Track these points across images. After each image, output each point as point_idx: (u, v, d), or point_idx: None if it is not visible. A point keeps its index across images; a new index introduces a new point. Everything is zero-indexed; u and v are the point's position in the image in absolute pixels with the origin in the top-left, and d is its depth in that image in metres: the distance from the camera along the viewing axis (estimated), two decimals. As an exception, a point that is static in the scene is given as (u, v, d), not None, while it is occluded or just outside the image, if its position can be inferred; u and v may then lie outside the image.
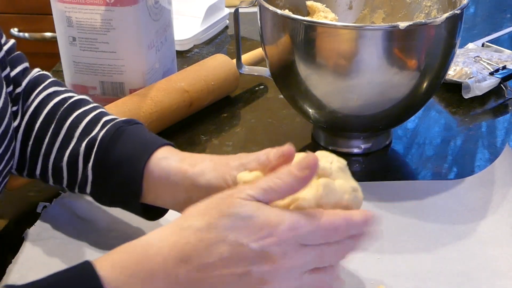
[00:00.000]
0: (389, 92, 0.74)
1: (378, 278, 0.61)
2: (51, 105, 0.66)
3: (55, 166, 0.64)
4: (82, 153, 0.63)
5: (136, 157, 0.61)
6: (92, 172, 0.62)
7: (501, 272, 0.62)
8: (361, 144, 0.83)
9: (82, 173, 0.63)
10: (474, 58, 1.00)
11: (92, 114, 0.66)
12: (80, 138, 0.64)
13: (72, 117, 0.65)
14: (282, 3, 0.85)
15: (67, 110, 0.66)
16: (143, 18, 0.88)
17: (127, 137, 0.62)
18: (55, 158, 0.64)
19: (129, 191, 0.61)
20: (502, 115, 0.92)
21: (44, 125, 0.65)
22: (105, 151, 0.62)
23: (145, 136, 0.63)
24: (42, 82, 0.69)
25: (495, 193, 0.72)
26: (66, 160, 0.63)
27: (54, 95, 0.67)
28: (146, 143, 0.62)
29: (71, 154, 0.63)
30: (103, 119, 0.65)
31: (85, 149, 0.63)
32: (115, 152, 0.61)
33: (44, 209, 0.71)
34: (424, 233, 0.67)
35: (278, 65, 0.79)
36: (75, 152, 0.63)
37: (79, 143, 0.63)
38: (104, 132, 0.63)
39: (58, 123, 0.65)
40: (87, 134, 0.63)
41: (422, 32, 0.71)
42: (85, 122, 0.65)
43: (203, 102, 0.93)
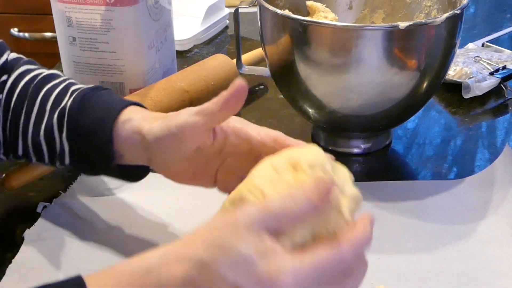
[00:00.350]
0: (389, 92, 0.74)
1: (378, 278, 0.61)
2: (23, 83, 0.67)
3: (34, 143, 0.65)
4: (55, 125, 0.63)
5: (103, 121, 0.61)
6: (68, 142, 0.63)
7: (501, 272, 0.62)
8: (361, 144, 0.83)
9: (59, 144, 0.63)
10: (474, 58, 1.00)
11: (60, 86, 0.66)
12: (51, 110, 0.64)
13: (42, 92, 0.66)
14: (282, 3, 0.85)
15: (38, 85, 0.66)
16: (143, 18, 0.88)
17: (94, 103, 0.63)
18: (32, 134, 0.65)
19: (102, 156, 0.61)
20: (502, 115, 0.92)
21: (18, 103, 0.66)
22: (74, 119, 0.62)
23: (111, 100, 0.64)
24: (16, 63, 0.70)
25: (495, 193, 0.72)
26: (42, 134, 0.64)
27: (26, 73, 0.68)
28: (112, 107, 0.62)
29: (46, 128, 0.64)
30: (71, 89, 0.65)
31: (57, 120, 0.63)
32: (84, 119, 0.62)
33: (44, 209, 0.71)
34: (424, 233, 0.67)
35: (278, 65, 0.79)
36: (49, 125, 0.63)
37: (51, 115, 0.64)
38: (72, 101, 0.63)
39: (30, 100, 0.65)
40: (57, 106, 0.64)
41: (422, 32, 0.71)
42: (54, 94, 0.65)
43: (203, 102, 0.92)
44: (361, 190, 0.68)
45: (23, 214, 0.72)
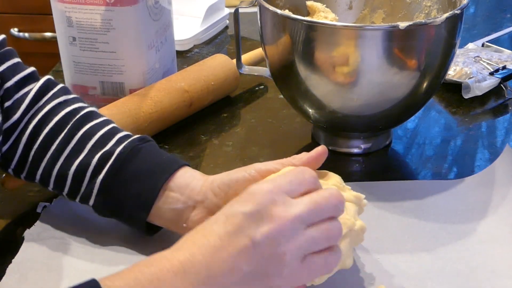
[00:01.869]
0: (389, 92, 0.74)
1: (378, 278, 0.61)
2: (63, 114, 0.67)
3: (60, 174, 0.65)
4: (93, 165, 0.64)
5: (156, 173, 0.63)
6: (100, 184, 0.64)
7: (501, 271, 0.62)
8: (361, 144, 0.83)
9: (87, 184, 0.64)
10: (474, 58, 1.00)
11: (106, 128, 0.67)
12: (92, 149, 0.65)
13: (85, 128, 0.66)
14: (282, 3, 0.85)
15: (80, 121, 0.67)
16: (143, 18, 0.88)
17: (146, 155, 0.65)
18: (61, 165, 0.65)
19: (140, 206, 0.63)
20: (502, 115, 0.92)
21: (53, 132, 0.66)
22: (121, 166, 0.63)
23: (163, 155, 0.66)
24: (52, 88, 0.70)
25: (495, 193, 0.72)
26: (74, 169, 0.64)
27: (65, 104, 0.68)
28: (167, 162, 0.64)
29: (80, 165, 0.64)
30: (118, 135, 0.67)
31: (97, 162, 0.64)
32: (131, 168, 0.63)
33: (44, 209, 0.71)
34: (424, 233, 0.67)
35: (278, 65, 0.79)
36: (85, 163, 0.64)
37: (91, 154, 0.64)
38: (122, 148, 0.64)
39: (69, 132, 0.66)
40: (100, 148, 0.65)
41: (422, 32, 0.71)
42: (98, 135, 0.66)
43: (203, 102, 0.93)
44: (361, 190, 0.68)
45: (23, 214, 0.72)
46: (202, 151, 0.85)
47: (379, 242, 0.66)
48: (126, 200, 0.63)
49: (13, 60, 0.69)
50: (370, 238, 0.66)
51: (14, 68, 0.68)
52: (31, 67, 0.70)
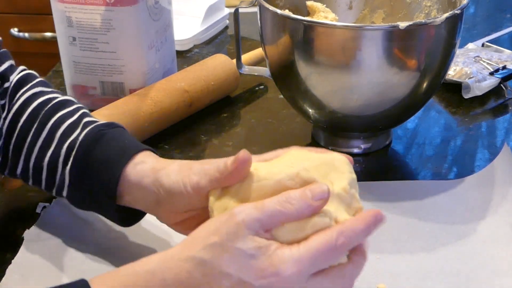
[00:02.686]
0: (389, 92, 0.74)
1: (378, 277, 0.61)
2: (35, 104, 0.66)
3: (35, 166, 0.64)
4: (62, 156, 0.63)
5: (114, 162, 0.61)
6: (69, 175, 0.62)
7: (501, 271, 0.62)
8: (361, 144, 0.83)
9: (60, 175, 0.63)
10: (474, 58, 1.00)
11: (74, 116, 0.66)
12: (61, 139, 0.64)
13: (55, 118, 0.65)
14: (282, 3, 0.85)
15: (51, 110, 0.66)
16: (143, 18, 0.88)
17: (106, 141, 0.62)
18: (36, 157, 0.64)
19: (105, 195, 0.61)
20: (502, 115, 0.92)
21: (27, 124, 0.65)
22: (83, 155, 0.62)
23: (124, 141, 0.63)
24: (30, 81, 0.69)
25: (494, 192, 0.72)
26: (47, 161, 0.64)
27: (39, 94, 0.68)
28: (124, 148, 0.62)
29: (52, 156, 0.63)
30: (83, 121, 0.65)
31: (65, 152, 0.63)
32: (93, 156, 0.62)
33: (44, 209, 0.71)
34: (424, 233, 0.67)
35: (278, 65, 0.79)
36: (56, 155, 0.63)
37: (61, 145, 0.63)
38: (84, 136, 0.63)
39: (40, 123, 0.65)
40: (67, 136, 0.64)
41: (422, 32, 0.71)
42: (66, 123, 0.65)
43: (203, 102, 0.93)
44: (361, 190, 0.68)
45: (23, 214, 0.72)
46: (202, 151, 0.85)
47: (379, 242, 0.66)
48: (93, 190, 0.61)
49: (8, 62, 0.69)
50: (370, 238, 0.66)
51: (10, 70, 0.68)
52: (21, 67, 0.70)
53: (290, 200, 0.48)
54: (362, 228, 0.49)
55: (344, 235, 0.48)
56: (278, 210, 0.48)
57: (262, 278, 0.46)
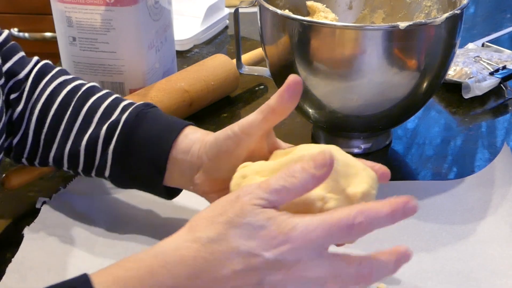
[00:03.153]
0: (389, 92, 0.74)
1: (378, 278, 0.61)
2: (65, 93, 0.67)
3: (71, 152, 0.65)
4: (102, 137, 0.64)
5: (163, 137, 0.62)
6: (113, 154, 0.63)
7: (501, 271, 0.62)
8: (361, 144, 0.83)
9: (100, 156, 0.64)
10: (474, 58, 1.00)
11: (109, 99, 0.67)
12: (99, 122, 0.65)
13: (88, 103, 0.66)
14: (282, 3, 0.85)
15: (83, 96, 0.67)
16: (143, 18, 0.88)
17: (151, 119, 0.64)
18: (72, 143, 0.65)
19: (154, 170, 0.62)
20: (502, 115, 0.92)
21: (59, 112, 0.66)
22: (129, 133, 0.63)
23: (168, 118, 0.65)
24: (50, 71, 0.70)
25: (494, 192, 0.72)
26: (84, 144, 0.64)
27: (65, 83, 0.68)
28: (172, 124, 0.63)
29: (90, 138, 0.64)
30: (121, 104, 0.66)
31: (105, 133, 0.64)
32: (140, 133, 0.63)
33: (43, 204, 0.71)
34: (424, 233, 0.67)
35: (278, 65, 0.79)
36: (94, 136, 0.64)
37: (99, 127, 0.64)
38: (127, 115, 0.64)
39: (74, 110, 0.66)
40: (107, 119, 0.64)
41: (422, 32, 0.71)
42: (103, 107, 0.66)
43: (203, 102, 0.93)
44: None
45: (23, 214, 0.72)
46: (202, 151, 0.85)
47: (379, 242, 0.66)
48: (140, 167, 0.62)
49: (19, 55, 0.70)
50: (370, 238, 0.66)
51: (21, 62, 0.69)
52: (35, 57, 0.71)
53: (293, 173, 0.47)
54: (386, 212, 0.46)
55: (365, 215, 0.45)
56: (282, 185, 0.46)
57: (272, 248, 0.45)
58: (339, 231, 0.46)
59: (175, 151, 0.61)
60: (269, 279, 0.45)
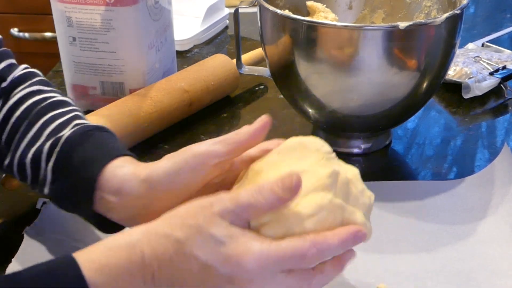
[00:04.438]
0: (389, 92, 0.74)
1: (378, 277, 0.61)
2: (30, 102, 0.66)
3: (20, 163, 0.63)
4: (45, 152, 0.61)
5: (94, 162, 0.59)
6: (52, 172, 0.61)
7: (501, 271, 0.62)
8: (361, 144, 0.83)
9: (43, 172, 0.62)
10: (474, 58, 1.00)
11: (66, 116, 0.64)
12: (47, 137, 0.63)
13: (46, 117, 0.64)
14: (282, 3, 0.85)
15: (44, 109, 0.65)
16: (143, 18, 0.88)
17: (92, 142, 0.61)
18: (21, 154, 0.63)
19: (82, 196, 0.59)
20: (502, 115, 0.92)
21: (18, 121, 0.65)
22: (67, 152, 0.60)
23: (109, 144, 0.62)
24: (29, 79, 0.68)
25: (494, 192, 0.72)
26: (30, 157, 0.62)
27: (36, 93, 0.67)
28: (108, 150, 0.60)
29: (35, 152, 0.62)
30: (74, 122, 0.64)
31: (49, 148, 0.61)
32: (76, 154, 0.60)
33: (44, 205, 0.71)
34: (424, 233, 0.67)
35: (278, 65, 0.79)
36: (39, 151, 0.62)
37: (45, 142, 0.62)
38: (70, 133, 0.61)
39: (31, 121, 0.64)
40: (54, 135, 0.62)
41: (422, 32, 0.71)
42: (56, 123, 0.63)
43: (203, 102, 0.93)
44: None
45: (23, 214, 0.72)
46: (202, 151, 0.85)
47: (379, 242, 0.66)
48: (71, 190, 0.60)
49: (8, 61, 0.69)
50: (370, 238, 0.66)
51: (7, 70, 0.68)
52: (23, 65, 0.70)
53: (262, 191, 0.50)
54: (336, 244, 0.50)
55: (317, 247, 0.49)
56: (250, 202, 0.49)
57: (226, 266, 0.48)
58: (292, 260, 0.49)
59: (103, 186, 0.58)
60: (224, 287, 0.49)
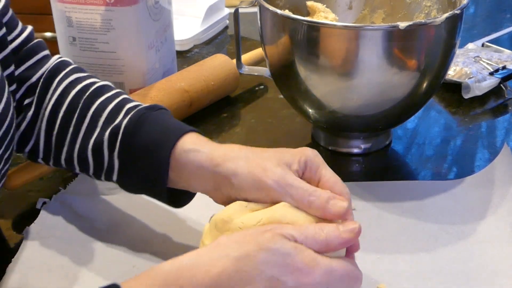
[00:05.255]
0: (389, 92, 0.74)
1: (378, 277, 0.61)
2: (74, 93, 0.66)
3: (80, 155, 0.65)
4: (106, 141, 0.63)
5: (160, 145, 0.61)
6: (118, 159, 0.62)
7: (501, 271, 0.62)
8: (361, 144, 0.83)
9: (108, 161, 0.63)
10: (474, 58, 1.00)
11: (115, 101, 0.66)
12: (103, 126, 0.64)
13: (95, 105, 0.65)
14: (282, 3, 0.85)
15: (90, 97, 0.66)
16: (143, 18, 0.88)
17: (150, 124, 0.62)
18: (79, 147, 0.64)
19: (155, 178, 0.61)
20: (502, 115, 0.92)
21: (67, 114, 0.66)
22: (129, 139, 0.62)
23: (169, 122, 0.63)
24: (63, 69, 0.69)
25: (494, 192, 0.72)
26: (90, 148, 0.64)
27: (76, 82, 0.68)
28: (170, 130, 0.61)
29: (95, 143, 0.63)
30: (126, 106, 0.65)
31: (109, 137, 0.63)
32: (139, 139, 0.61)
33: (44, 205, 0.71)
34: (424, 233, 0.67)
35: (278, 65, 0.79)
36: (99, 141, 0.63)
37: (103, 131, 0.63)
38: (128, 120, 0.63)
39: (81, 112, 0.65)
40: (110, 122, 0.64)
41: (422, 32, 0.71)
42: (108, 109, 0.65)
43: (203, 102, 0.93)
44: (361, 190, 0.68)
45: (23, 214, 0.72)
46: (202, 151, 0.85)
47: (379, 242, 0.66)
48: (143, 174, 0.62)
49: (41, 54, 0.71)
50: (370, 238, 0.66)
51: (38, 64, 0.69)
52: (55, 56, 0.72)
53: (323, 227, 0.51)
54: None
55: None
56: (312, 234, 0.50)
57: (295, 277, 0.48)
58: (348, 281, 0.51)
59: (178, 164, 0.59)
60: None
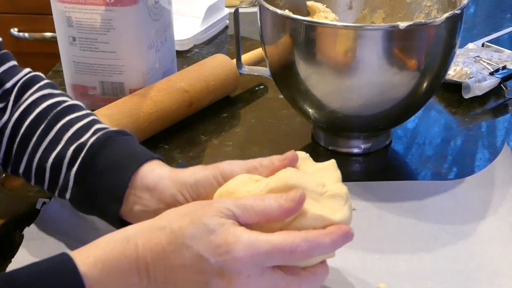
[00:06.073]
0: (389, 92, 0.74)
1: (378, 277, 0.61)
2: (44, 106, 0.66)
3: (38, 167, 0.64)
4: (68, 157, 0.63)
5: (124, 166, 0.61)
6: (75, 177, 0.62)
7: (501, 271, 0.62)
8: (361, 144, 0.83)
9: (64, 177, 0.63)
10: (474, 58, 1.00)
11: (84, 120, 0.66)
12: (68, 142, 0.64)
13: (64, 121, 0.65)
14: (282, 3, 0.85)
15: (60, 112, 0.66)
16: (143, 18, 0.88)
17: (117, 146, 0.63)
18: (40, 158, 0.64)
19: (111, 198, 0.61)
20: (502, 115, 0.92)
21: (33, 124, 0.65)
22: (92, 157, 0.62)
23: (135, 148, 0.64)
24: (37, 82, 0.69)
25: (494, 192, 0.72)
26: (50, 162, 0.63)
27: (48, 96, 0.68)
28: (136, 154, 0.63)
29: (56, 157, 0.63)
30: (95, 126, 0.65)
31: (72, 154, 0.63)
32: (102, 159, 0.62)
33: (43, 205, 0.71)
34: (424, 233, 0.67)
35: (278, 65, 0.79)
36: (61, 155, 0.63)
37: (67, 146, 0.63)
38: (95, 139, 0.63)
39: (48, 124, 0.65)
40: (76, 139, 0.64)
41: (422, 32, 0.71)
42: (76, 127, 0.65)
43: (203, 102, 0.93)
44: (361, 190, 0.68)
45: (23, 214, 0.72)
46: (202, 151, 0.85)
47: (379, 242, 0.66)
48: (98, 193, 0.61)
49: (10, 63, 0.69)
50: (370, 238, 0.66)
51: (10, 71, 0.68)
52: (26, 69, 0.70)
53: (264, 198, 0.51)
54: (327, 243, 0.50)
55: (308, 244, 0.49)
56: (250, 205, 0.51)
57: (217, 255, 0.49)
58: (281, 255, 0.49)
59: (137, 184, 0.60)
60: (214, 283, 0.49)
